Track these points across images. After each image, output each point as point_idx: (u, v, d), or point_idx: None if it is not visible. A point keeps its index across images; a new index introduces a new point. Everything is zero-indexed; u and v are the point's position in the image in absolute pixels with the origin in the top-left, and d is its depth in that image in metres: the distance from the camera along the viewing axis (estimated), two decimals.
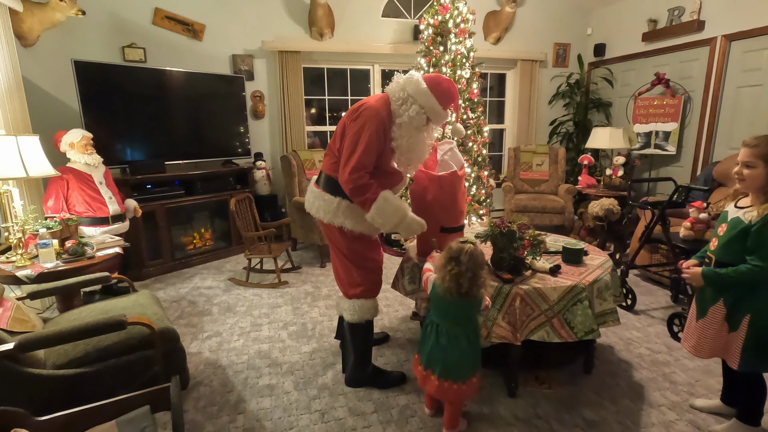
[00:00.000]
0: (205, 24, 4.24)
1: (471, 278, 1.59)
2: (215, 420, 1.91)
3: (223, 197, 4.10)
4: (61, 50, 3.61)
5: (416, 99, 1.87)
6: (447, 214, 2.26)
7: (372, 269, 2.08)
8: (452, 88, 1.93)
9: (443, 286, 1.64)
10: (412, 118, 1.87)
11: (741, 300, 1.60)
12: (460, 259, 1.60)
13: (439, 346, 1.71)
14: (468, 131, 4.13)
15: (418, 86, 1.88)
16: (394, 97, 1.90)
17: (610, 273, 2.10)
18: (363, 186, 1.82)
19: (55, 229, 2.43)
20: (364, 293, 2.04)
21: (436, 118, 1.93)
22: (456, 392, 1.70)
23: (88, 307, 2.12)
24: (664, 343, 2.51)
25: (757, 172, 1.53)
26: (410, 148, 1.93)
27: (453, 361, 1.68)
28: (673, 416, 1.89)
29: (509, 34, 5.27)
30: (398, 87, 1.92)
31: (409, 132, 1.89)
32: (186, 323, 2.84)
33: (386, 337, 2.59)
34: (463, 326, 1.70)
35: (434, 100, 1.88)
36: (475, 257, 1.61)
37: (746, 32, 3.71)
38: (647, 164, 4.73)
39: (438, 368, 1.70)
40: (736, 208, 1.62)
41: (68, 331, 1.61)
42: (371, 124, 1.81)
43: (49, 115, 3.48)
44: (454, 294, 1.61)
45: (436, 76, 1.95)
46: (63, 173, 2.80)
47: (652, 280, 3.46)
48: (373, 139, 1.81)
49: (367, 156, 1.81)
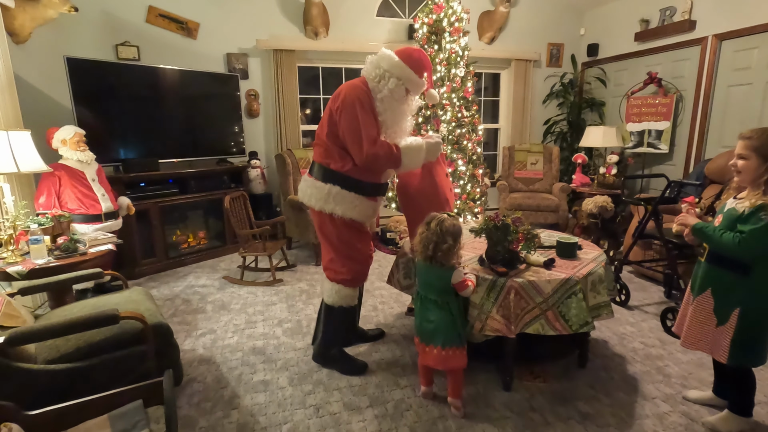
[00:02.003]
0: (200, 22, 4.23)
1: (436, 244, 1.75)
2: (209, 415, 1.89)
3: (218, 196, 4.07)
4: (54, 48, 3.58)
5: (392, 72, 1.96)
6: (431, 204, 2.21)
7: (358, 260, 2.13)
8: (423, 57, 2.02)
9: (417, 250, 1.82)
10: (392, 90, 1.95)
11: (731, 293, 1.61)
12: (429, 225, 1.78)
13: (424, 314, 1.85)
14: (463, 129, 4.15)
15: (392, 60, 1.97)
16: (371, 76, 1.98)
17: (604, 266, 2.11)
18: (384, 153, 1.92)
19: (47, 225, 2.41)
20: (346, 282, 2.12)
21: (414, 87, 2.02)
22: (446, 358, 1.80)
23: (79, 303, 2.10)
24: (658, 338, 2.52)
25: (751, 164, 1.55)
26: (394, 120, 2.02)
27: (436, 327, 1.80)
28: (666, 408, 1.90)
29: (503, 34, 5.31)
30: (372, 65, 2.00)
31: (391, 105, 1.98)
32: (180, 321, 2.82)
33: (381, 333, 2.58)
34: (438, 294, 1.81)
35: (409, 70, 1.96)
36: (445, 226, 1.75)
37: (736, 32, 3.76)
38: (640, 163, 4.76)
39: (427, 336, 1.82)
40: (733, 200, 1.64)
41: (59, 325, 1.59)
42: (357, 103, 1.90)
43: (41, 112, 3.44)
44: (422, 256, 1.80)
45: (406, 48, 2.04)
46: (55, 170, 2.77)
47: (646, 277, 3.48)
48: (368, 112, 1.91)
49: (370, 129, 1.90)
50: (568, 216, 4.72)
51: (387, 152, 1.94)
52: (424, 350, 1.85)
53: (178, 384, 2.09)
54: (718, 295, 1.64)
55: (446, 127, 4.10)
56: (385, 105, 1.96)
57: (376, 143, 1.90)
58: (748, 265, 1.56)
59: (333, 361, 2.23)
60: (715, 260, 1.65)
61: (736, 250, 1.53)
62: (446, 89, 4.05)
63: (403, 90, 1.98)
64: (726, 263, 1.61)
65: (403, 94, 1.99)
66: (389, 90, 1.94)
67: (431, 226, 1.77)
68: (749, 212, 1.52)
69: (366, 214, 2.09)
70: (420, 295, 1.88)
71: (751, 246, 1.50)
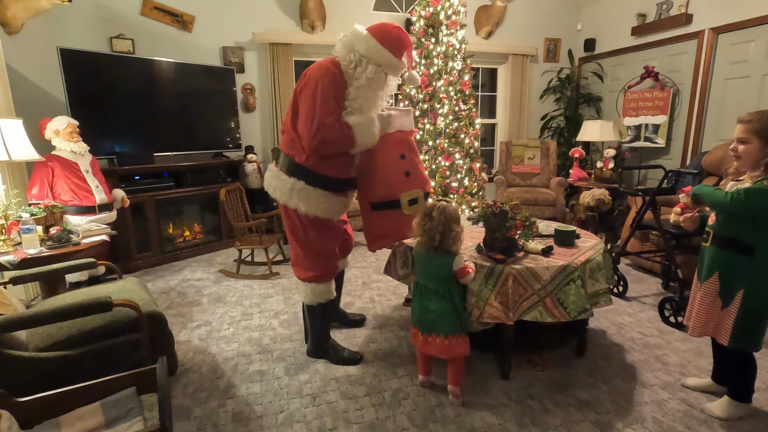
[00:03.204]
0: (195, 15, 4.20)
1: (443, 233, 1.72)
2: (204, 405, 1.87)
3: (214, 190, 4.04)
4: (47, 39, 3.54)
5: (370, 58, 1.79)
6: (370, 186, 1.99)
7: (326, 257, 2.06)
8: (402, 34, 1.84)
9: (419, 241, 1.79)
10: (371, 79, 1.79)
11: (736, 274, 1.60)
12: (431, 216, 1.73)
13: (424, 304, 1.81)
14: (460, 123, 4.14)
15: (369, 43, 1.78)
16: (345, 60, 1.81)
17: (602, 254, 2.10)
18: (335, 137, 1.76)
19: (40, 215, 2.37)
20: (317, 278, 2.04)
21: (394, 71, 1.88)
22: (450, 347, 1.78)
23: (72, 293, 2.07)
24: (656, 327, 2.52)
25: (751, 147, 1.54)
26: (363, 109, 1.85)
27: (438, 316, 1.77)
28: (665, 395, 1.89)
29: (500, 28, 5.30)
30: (346, 48, 1.81)
31: (367, 93, 1.82)
32: (175, 313, 2.79)
33: (363, 319, 2.58)
34: (440, 283, 1.78)
35: (388, 53, 1.79)
36: (447, 212, 1.73)
37: (733, 25, 3.76)
38: (637, 157, 4.77)
39: (429, 326, 1.80)
40: (734, 182, 1.63)
41: (51, 312, 1.56)
42: (323, 81, 1.75)
43: (34, 104, 3.40)
44: (428, 247, 1.76)
45: (381, 25, 1.84)
46: (48, 161, 2.74)
47: (643, 269, 3.47)
48: (328, 96, 1.75)
49: (326, 113, 1.75)
50: (565, 210, 4.72)
51: (338, 135, 1.77)
52: (426, 340, 1.81)
53: (172, 373, 2.07)
54: (725, 277, 1.63)
55: (443, 120, 4.08)
56: (360, 92, 1.81)
57: (325, 127, 1.74)
58: (753, 245, 1.55)
59: (325, 352, 2.21)
60: (720, 242, 1.64)
61: (725, 203, 1.54)
62: (443, 82, 4.04)
63: (383, 78, 1.84)
64: (731, 244, 1.60)
65: (382, 80, 1.85)
66: (368, 78, 1.78)
67: (434, 215, 1.72)
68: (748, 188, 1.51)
69: (334, 210, 1.99)
70: (419, 285, 1.85)
71: (741, 202, 1.50)
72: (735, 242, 1.59)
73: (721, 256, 1.63)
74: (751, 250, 1.56)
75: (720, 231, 1.64)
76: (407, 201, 1.97)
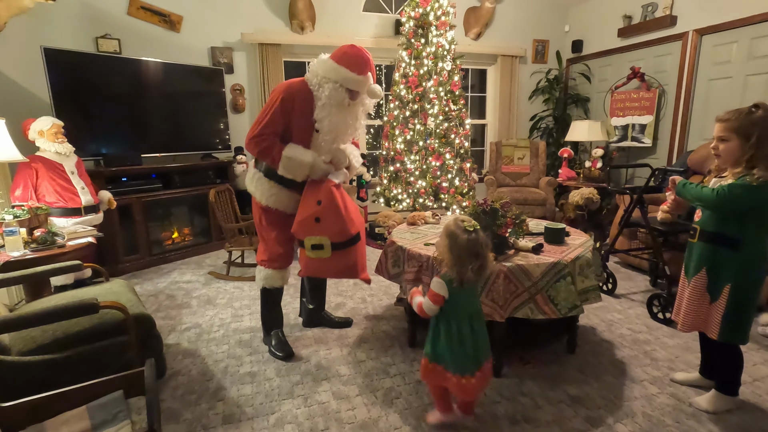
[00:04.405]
0: (183, 15, 4.16)
1: (480, 266, 1.48)
2: (194, 408, 1.84)
3: (203, 191, 4.00)
4: (31, 39, 3.47)
5: (328, 77, 1.94)
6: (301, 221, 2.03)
7: (274, 242, 2.17)
8: (359, 52, 1.95)
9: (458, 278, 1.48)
10: (329, 96, 1.94)
11: (723, 269, 1.62)
12: (456, 241, 1.46)
13: (462, 347, 1.53)
14: (450, 123, 4.16)
15: (326, 64, 1.96)
16: (312, 83, 1.99)
17: (591, 252, 2.12)
18: (266, 148, 1.97)
19: (23, 217, 2.32)
20: (264, 263, 2.21)
21: (356, 86, 1.96)
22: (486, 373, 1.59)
23: (57, 296, 2.03)
24: (645, 324, 2.54)
25: (731, 145, 1.56)
26: (332, 128, 2.00)
27: (477, 349, 1.55)
28: (654, 390, 1.91)
29: (489, 30, 5.34)
30: (312, 73, 2.00)
31: (329, 111, 1.96)
32: (164, 316, 2.75)
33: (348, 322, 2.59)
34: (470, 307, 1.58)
35: (345, 70, 1.92)
36: (486, 244, 1.50)
37: (716, 26, 3.83)
38: (625, 156, 4.83)
39: (471, 366, 1.54)
40: (717, 179, 1.65)
41: (34, 314, 1.52)
42: (279, 97, 1.94)
43: (18, 105, 3.33)
44: (460, 282, 1.48)
45: (340, 48, 1.99)
46: (32, 162, 2.68)
47: (632, 266, 3.52)
48: (278, 111, 1.94)
49: (269, 126, 1.95)
50: (555, 209, 4.75)
51: (267, 152, 1.97)
52: (459, 382, 1.54)
53: (161, 376, 2.03)
54: (712, 272, 1.65)
55: (433, 120, 4.10)
56: (324, 112, 1.96)
57: (261, 137, 1.95)
58: (738, 239, 1.57)
59: (268, 339, 2.33)
60: (707, 238, 1.66)
61: (712, 199, 1.56)
62: (433, 83, 4.06)
63: (342, 93, 1.95)
64: (718, 239, 1.62)
65: (343, 97, 1.95)
66: (327, 96, 1.93)
67: (477, 250, 1.46)
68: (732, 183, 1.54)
69: (283, 203, 2.11)
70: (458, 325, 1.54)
71: (726, 197, 1.52)
72: (721, 237, 1.61)
73: (709, 251, 1.65)
74: (736, 244, 1.58)
75: (707, 227, 1.66)
76: (310, 245, 2.02)
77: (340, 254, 2.02)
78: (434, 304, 1.52)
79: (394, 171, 4.28)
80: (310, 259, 2.04)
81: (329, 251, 2.00)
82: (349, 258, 2.06)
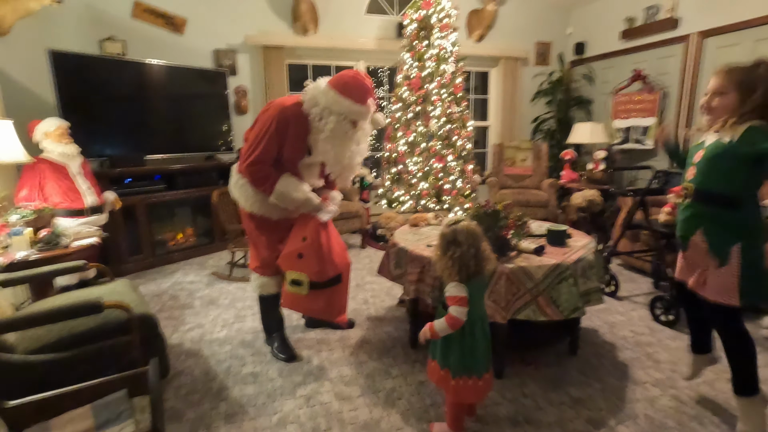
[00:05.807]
0: (187, 17, 4.18)
1: (475, 255, 1.47)
2: (197, 407, 1.85)
3: (206, 192, 4.00)
4: (37, 41, 3.50)
5: (331, 109, 1.88)
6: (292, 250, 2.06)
7: (263, 247, 2.16)
8: (360, 82, 1.90)
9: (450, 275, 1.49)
10: (333, 130, 1.89)
11: (725, 230, 1.54)
12: (458, 241, 1.47)
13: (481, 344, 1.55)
14: (453, 125, 4.16)
15: (328, 95, 1.88)
16: (312, 114, 1.91)
17: (594, 253, 2.12)
18: (261, 178, 1.95)
19: (29, 217, 2.34)
20: (257, 269, 2.21)
21: (360, 116, 1.93)
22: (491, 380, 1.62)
23: (62, 295, 2.05)
24: (647, 326, 2.54)
25: (728, 100, 1.49)
26: (337, 159, 2.00)
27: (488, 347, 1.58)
28: (656, 392, 1.91)
29: (492, 32, 5.35)
30: (312, 101, 1.91)
31: (333, 143, 1.94)
32: (167, 316, 2.77)
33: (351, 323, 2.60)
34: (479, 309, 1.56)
35: (349, 102, 1.86)
36: (473, 232, 1.50)
37: (719, 29, 3.83)
38: (627, 159, 4.83)
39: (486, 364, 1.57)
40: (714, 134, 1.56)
41: (40, 314, 1.54)
42: (274, 123, 1.88)
43: (24, 107, 3.35)
44: (464, 279, 1.47)
45: (340, 76, 1.92)
46: (38, 163, 2.70)
47: (634, 268, 3.51)
48: (273, 138, 1.89)
49: (266, 153, 1.91)
50: (557, 211, 4.75)
51: (261, 181, 1.95)
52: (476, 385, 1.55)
53: (164, 376, 2.04)
54: (712, 234, 1.56)
55: (436, 122, 4.10)
56: (328, 144, 1.93)
57: (257, 166, 1.92)
58: (738, 197, 1.51)
59: (271, 341, 2.34)
60: (704, 198, 1.57)
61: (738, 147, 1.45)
62: (436, 85, 4.07)
63: (348, 125, 1.92)
64: (716, 199, 1.54)
65: (348, 128, 1.93)
66: (331, 130, 1.88)
67: (460, 240, 1.47)
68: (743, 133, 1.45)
69: (268, 210, 2.08)
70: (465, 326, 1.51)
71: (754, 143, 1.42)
72: (720, 197, 1.53)
73: (705, 211, 1.57)
74: (737, 203, 1.51)
75: (703, 184, 1.56)
76: (290, 279, 2.03)
77: (317, 294, 2.02)
78: (462, 307, 1.47)
79: (397, 173, 4.29)
80: (288, 293, 2.07)
81: (306, 289, 2.00)
82: (326, 299, 2.06)
